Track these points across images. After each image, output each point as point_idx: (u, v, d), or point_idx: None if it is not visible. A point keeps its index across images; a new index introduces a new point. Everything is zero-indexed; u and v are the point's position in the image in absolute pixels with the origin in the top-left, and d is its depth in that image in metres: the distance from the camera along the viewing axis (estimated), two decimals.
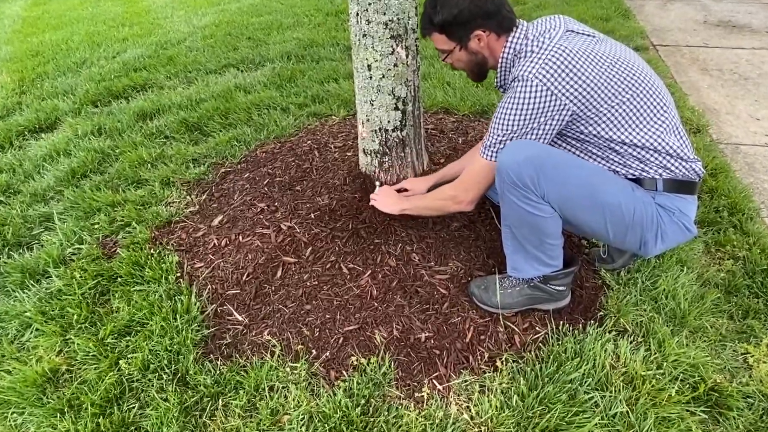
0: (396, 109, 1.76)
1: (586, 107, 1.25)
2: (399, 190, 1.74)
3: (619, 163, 1.30)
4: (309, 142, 2.42)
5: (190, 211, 2.10)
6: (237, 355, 1.50)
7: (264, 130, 2.68)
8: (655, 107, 1.26)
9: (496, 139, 1.32)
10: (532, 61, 1.24)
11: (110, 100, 3.27)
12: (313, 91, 3.11)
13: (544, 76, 1.22)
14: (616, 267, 1.68)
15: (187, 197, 2.19)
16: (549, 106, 1.24)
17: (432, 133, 2.42)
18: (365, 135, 1.85)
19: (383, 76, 1.68)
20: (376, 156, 1.87)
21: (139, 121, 2.88)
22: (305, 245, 1.78)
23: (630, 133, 1.26)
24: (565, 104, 1.24)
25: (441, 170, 1.85)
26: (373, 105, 1.75)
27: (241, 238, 1.87)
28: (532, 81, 1.22)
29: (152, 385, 1.40)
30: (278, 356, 1.48)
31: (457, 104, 2.76)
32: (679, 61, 3.26)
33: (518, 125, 1.27)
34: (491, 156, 1.35)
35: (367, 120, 1.79)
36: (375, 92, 1.72)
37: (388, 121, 1.78)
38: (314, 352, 1.48)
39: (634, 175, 1.30)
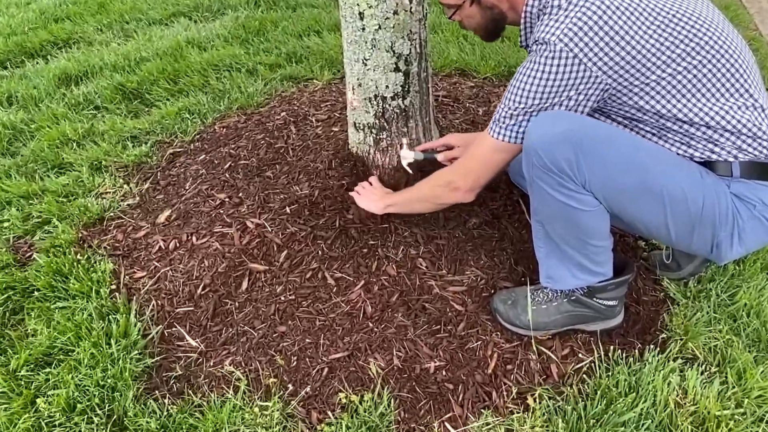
0: (396, 70, 1.75)
1: (628, 79, 1.22)
2: (434, 151, 1.74)
3: (681, 143, 1.29)
4: (283, 114, 2.42)
5: (128, 205, 2.10)
6: (190, 392, 1.50)
7: (224, 98, 2.68)
8: (727, 73, 1.22)
9: (508, 113, 1.32)
10: (557, 20, 1.22)
11: (23, 60, 3.25)
12: (288, 47, 3.09)
13: (571, 40, 1.19)
14: (682, 276, 1.69)
15: (125, 186, 2.19)
16: (576, 78, 1.22)
17: (444, 102, 2.42)
18: (356, 104, 1.84)
19: (379, 27, 1.67)
20: (371, 131, 1.87)
21: (61, 87, 2.87)
22: (279, 248, 1.78)
23: (691, 109, 1.24)
24: (598, 76, 1.22)
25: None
26: (366, 65, 1.74)
27: (195, 239, 1.87)
28: (555, 45, 1.20)
29: (80, 431, 1.40)
30: (244, 392, 1.48)
31: (477, 64, 2.74)
32: (765, 6, 3.25)
33: (537, 99, 1.26)
34: (500, 133, 1.35)
35: (359, 85, 1.79)
36: (369, 48, 1.71)
37: (387, 86, 1.78)
38: (291, 386, 1.49)
39: (702, 158, 1.28)
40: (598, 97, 1.26)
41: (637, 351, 1.51)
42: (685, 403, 1.37)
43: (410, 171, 1.85)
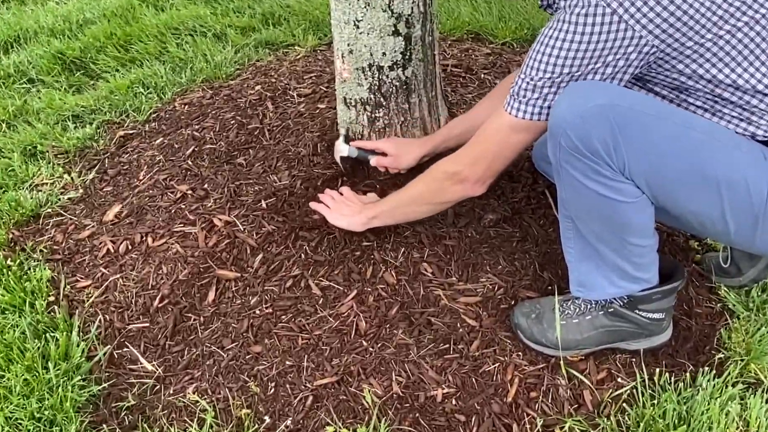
0: (395, 33, 1.75)
1: (679, 39, 1.21)
2: (371, 152, 1.81)
3: (740, 119, 1.28)
4: (258, 87, 2.43)
5: (69, 199, 2.10)
6: (145, 425, 1.50)
7: (186, 69, 2.68)
8: None
9: (530, 84, 1.31)
10: None
11: None
12: (263, 6, 3.08)
13: None
14: (743, 282, 1.68)
15: (65, 176, 2.19)
16: (616, 40, 1.22)
17: (454, 72, 2.42)
18: (347, 76, 1.85)
19: None
20: (365, 108, 1.88)
21: None
22: (253, 251, 1.79)
23: (753, 74, 1.24)
24: (642, 37, 1.21)
25: (445, 127, 1.87)
26: (358, 27, 1.74)
27: (150, 240, 1.87)
28: (590, 1, 1.21)
29: None
30: (210, 426, 1.47)
31: (494, 26, 2.73)
32: None
33: (567, 67, 1.26)
34: (519, 109, 1.35)
35: (350, 52, 1.79)
36: (362, 6, 1.71)
37: (384, 54, 1.78)
38: (268, 419, 1.48)
39: (766, 137, 1.28)
40: (641, 62, 1.25)
41: (688, 374, 1.51)
42: None
43: (342, 167, 1.89)
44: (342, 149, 1.87)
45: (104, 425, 1.50)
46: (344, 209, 1.74)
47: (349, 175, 1.91)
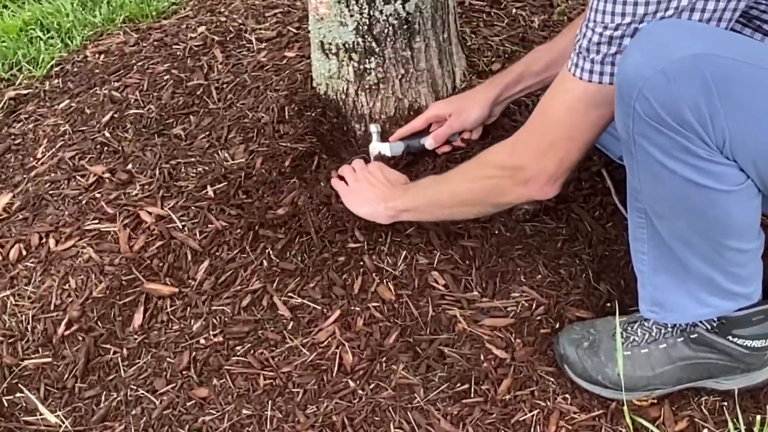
0: None
1: None
2: (418, 135, 1.90)
3: None
4: (202, 29, 2.43)
5: None
6: None
7: (102, 3, 2.65)
8: None
9: (603, 34, 1.31)
10: None
11: None
12: None
13: None
14: None
15: None
16: None
17: (474, 5, 2.42)
18: (325, 11, 1.85)
19: None
20: (350, 58, 1.89)
21: None
22: (196, 257, 1.79)
23: None
24: None
25: (521, 62, 1.90)
26: None
27: (53, 242, 1.87)
28: None
29: None
30: None
31: None
32: None
33: (654, 3, 1.26)
34: (592, 71, 1.35)
35: None
36: None
37: None
38: None
39: None
40: None
41: None
42: None
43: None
44: (381, 149, 1.90)
45: None
46: (367, 191, 1.77)
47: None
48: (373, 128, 1.93)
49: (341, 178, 1.85)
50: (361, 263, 1.74)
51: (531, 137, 1.47)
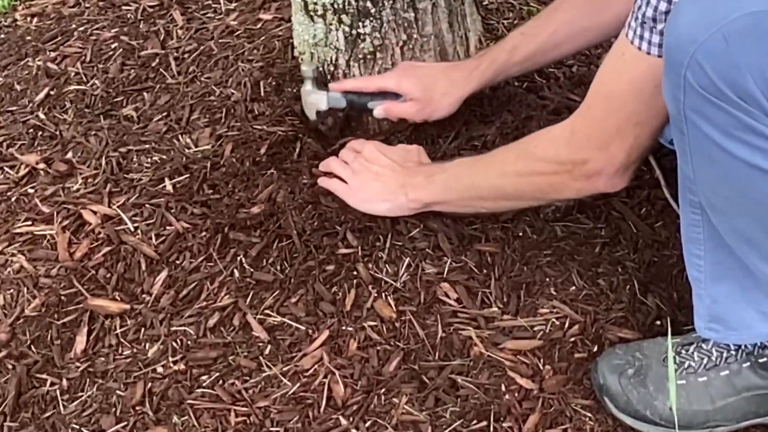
0: None
1: None
2: (363, 103, 1.93)
3: None
4: None
5: None
6: None
7: None
8: None
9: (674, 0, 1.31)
10: None
11: None
12: None
13: None
14: None
15: None
16: None
17: None
18: None
19: None
20: (340, 21, 1.89)
21: None
22: (152, 266, 1.79)
23: None
24: None
25: (507, 40, 1.93)
26: None
27: None
28: None
29: None
30: None
31: None
32: None
33: None
34: (660, 44, 1.36)
35: None
36: None
37: None
38: None
39: None
40: None
41: None
42: None
43: (319, 124, 1.95)
44: (316, 100, 1.90)
45: None
46: (374, 184, 1.79)
47: (330, 136, 1.96)
48: (307, 69, 1.92)
49: (330, 174, 1.85)
50: (355, 273, 1.74)
51: (591, 125, 1.50)
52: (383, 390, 1.59)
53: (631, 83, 1.44)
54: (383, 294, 1.70)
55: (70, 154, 2.00)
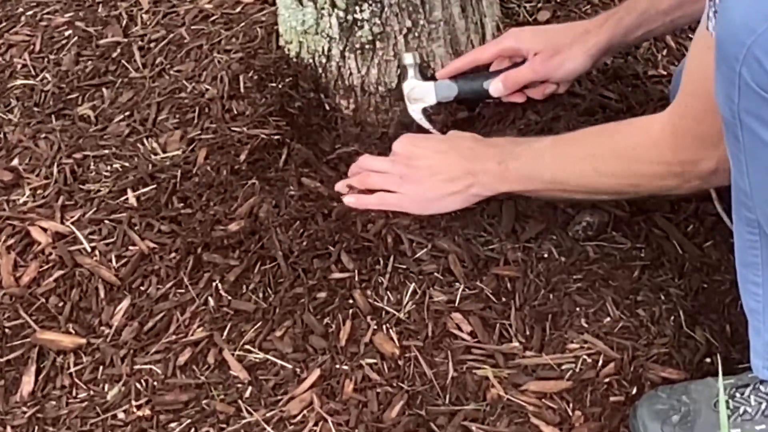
0: None
1: None
2: (480, 88, 1.95)
3: None
4: None
5: None
6: None
7: None
8: None
9: None
10: None
11: None
12: None
13: None
14: None
15: None
16: None
17: None
18: None
19: None
20: (333, 4, 1.89)
21: None
22: (112, 293, 1.79)
23: None
24: None
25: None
26: None
27: None
28: None
29: None
30: None
31: None
32: None
33: None
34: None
35: None
36: None
37: None
38: None
39: None
40: None
41: None
42: None
43: (429, 126, 1.93)
44: (422, 93, 1.91)
45: None
46: (431, 179, 1.81)
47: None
48: (408, 58, 1.93)
49: (364, 190, 1.87)
50: (351, 301, 1.74)
51: (694, 126, 1.50)
52: None
53: None
54: (384, 326, 1.70)
55: (15, 161, 1.99)
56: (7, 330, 1.76)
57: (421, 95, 1.91)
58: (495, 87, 1.91)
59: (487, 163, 1.77)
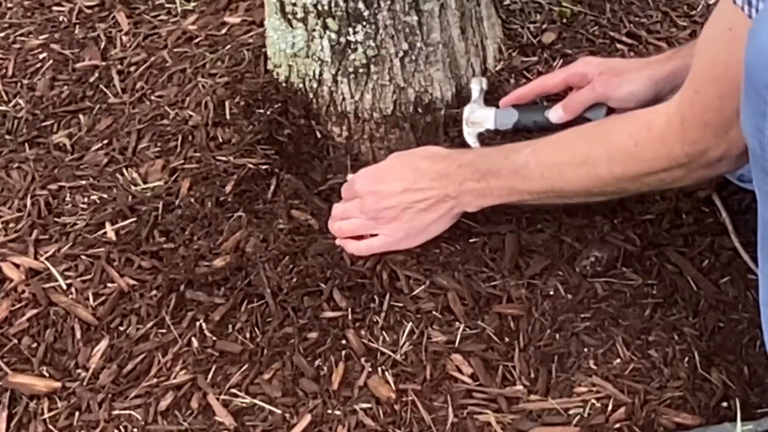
0: None
1: None
2: (543, 118, 1.98)
3: None
4: None
5: None
6: None
7: None
8: None
9: None
10: None
11: None
12: None
13: None
14: None
15: None
16: None
17: None
18: None
19: None
20: (325, 26, 1.90)
21: None
22: (90, 333, 1.79)
23: None
24: None
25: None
26: None
27: None
28: None
29: None
30: None
31: None
32: None
33: None
34: (756, 5, 1.36)
35: None
36: None
37: None
38: None
39: None
40: None
41: None
42: None
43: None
44: (482, 117, 1.93)
45: None
46: (407, 213, 1.82)
47: None
48: (476, 83, 1.97)
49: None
50: (344, 342, 1.73)
51: (704, 112, 1.50)
52: None
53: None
54: (379, 368, 1.69)
55: None
56: None
57: (479, 119, 1.93)
58: (555, 113, 1.92)
59: (464, 184, 1.78)
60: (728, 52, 1.43)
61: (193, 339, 1.75)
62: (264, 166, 1.95)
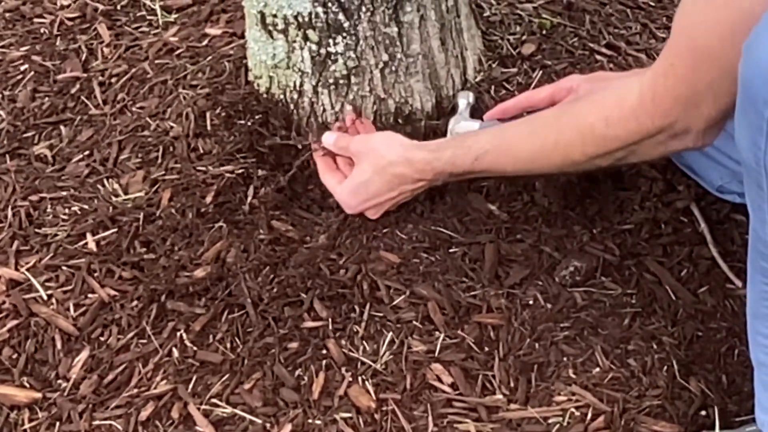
0: None
1: None
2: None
3: None
4: None
5: None
6: None
7: None
8: None
9: None
10: None
11: None
12: None
13: None
14: None
15: None
16: None
17: None
18: None
19: None
20: (305, 37, 1.90)
21: None
22: (70, 343, 1.78)
23: None
24: None
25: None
26: None
27: None
28: None
29: None
30: None
31: None
32: None
33: None
34: None
35: None
36: None
37: None
38: None
39: None
40: None
41: None
42: None
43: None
44: (465, 128, 1.93)
45: None
46: (385, 206, 1.88)
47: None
48: (463, 96, 1.97)
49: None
50: (324, 352, 1.74)
51: (677, 85, 1.49)
52: None
53: (722, 32, 1.40)
54: (360, 378, 1.69)
55: None
56: None
57: (464, 131, 1.91)
58: None
59: (435, 174, 1.80)
60: (706, 26, 1.43)
61: (173, 349, 1.75)
62: (244, 177, 1.95)
